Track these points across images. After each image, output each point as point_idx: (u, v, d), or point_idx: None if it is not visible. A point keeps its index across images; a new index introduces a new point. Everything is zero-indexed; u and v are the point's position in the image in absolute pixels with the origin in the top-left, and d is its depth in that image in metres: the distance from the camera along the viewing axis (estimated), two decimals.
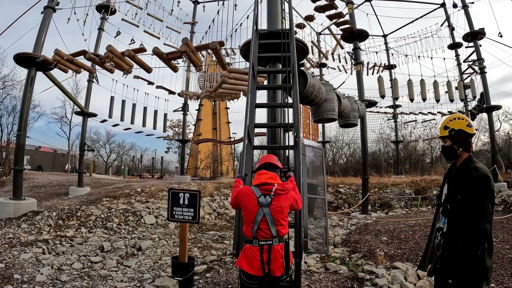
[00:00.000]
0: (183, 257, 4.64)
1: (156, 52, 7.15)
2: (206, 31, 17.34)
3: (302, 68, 7.45)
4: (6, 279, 5.08)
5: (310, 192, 4.23)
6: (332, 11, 12.24)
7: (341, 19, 12.72)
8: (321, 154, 4.73)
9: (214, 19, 15.83)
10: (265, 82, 9.33)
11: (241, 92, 10.48)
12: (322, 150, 4.70)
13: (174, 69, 7.99)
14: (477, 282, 2.25)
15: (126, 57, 7.89)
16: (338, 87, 19.89)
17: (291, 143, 4.41)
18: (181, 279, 4.48)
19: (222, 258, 6.13)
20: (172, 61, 7.52)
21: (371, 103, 14.48)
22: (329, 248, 4.97)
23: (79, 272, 5.71)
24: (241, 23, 15.10)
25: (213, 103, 36.54)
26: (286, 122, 5.28)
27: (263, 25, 7.84)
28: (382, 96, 16.74)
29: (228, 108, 37.22)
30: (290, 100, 7.45)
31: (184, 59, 7.24)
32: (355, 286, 4.86)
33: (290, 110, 5.33)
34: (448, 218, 2.43)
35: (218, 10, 14.91)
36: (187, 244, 4.78)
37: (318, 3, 11.61)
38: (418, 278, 5.24)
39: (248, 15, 14.02)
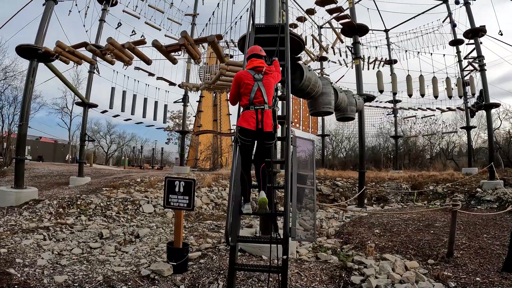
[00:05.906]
0: (178, 243, 4.83)
1: (156, 44, 7.27)
2: (207, 24, 17.36)
3: (299, 62, 7.56)
4: (9, 263, 5.26)
5: (300, 182, 4.38)
6: (332, 5, 12.27)
7: (341, 13, 12.76)
8: (312, 145, 4.86)
9: (214, 12, 15.85)
10: None
11: None
12: (313, 142, 4.84)
13: (173, 61, 8.11)
14: None
15: (126, 49, 8.03)
16: (337, 81, 19.97)
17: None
18: (175, 263, 4.67)
19: (216, 246, 6.32)
20: (172, 53, 7.65)
21: (369, 98, 14.57)
22: (316, 236, 5.14)
23: (78, 257, 5.92)
24: (241, 16, 15.11)
25: (213, 94, 36.54)
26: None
27: (261, 19, 7.93)
28: (381, 91, 16.83)
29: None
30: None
31: (183, 52, 7.37)
32: (343, 275, 5.03)
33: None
34: None
35: (218, 3, 14.94)
36: (182, 231, 4.96)
37: None
38: (405, 269, 5.40)
39: (247, 9, 14.03)
